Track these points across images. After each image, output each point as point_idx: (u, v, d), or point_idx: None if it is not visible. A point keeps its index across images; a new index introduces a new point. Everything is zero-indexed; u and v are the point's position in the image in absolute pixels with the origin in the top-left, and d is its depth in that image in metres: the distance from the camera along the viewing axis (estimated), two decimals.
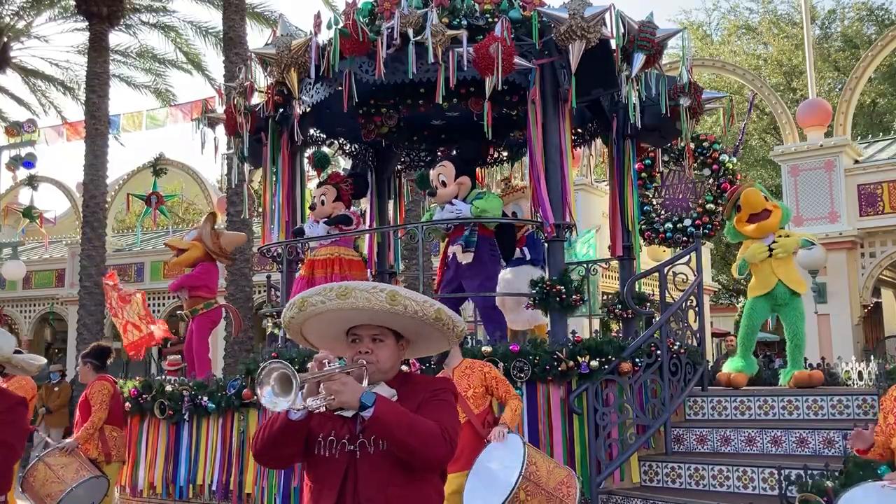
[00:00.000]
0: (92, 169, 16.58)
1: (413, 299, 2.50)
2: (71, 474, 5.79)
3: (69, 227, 23.26)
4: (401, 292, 2.50)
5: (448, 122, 8.10)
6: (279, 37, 6.62)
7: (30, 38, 20.83)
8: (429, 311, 2.52)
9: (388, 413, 2.36)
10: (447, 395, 2.62)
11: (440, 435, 2.40)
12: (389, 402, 2.42)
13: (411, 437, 2.36)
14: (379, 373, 2.57)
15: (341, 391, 2.36)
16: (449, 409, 2.57)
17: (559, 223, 6.48)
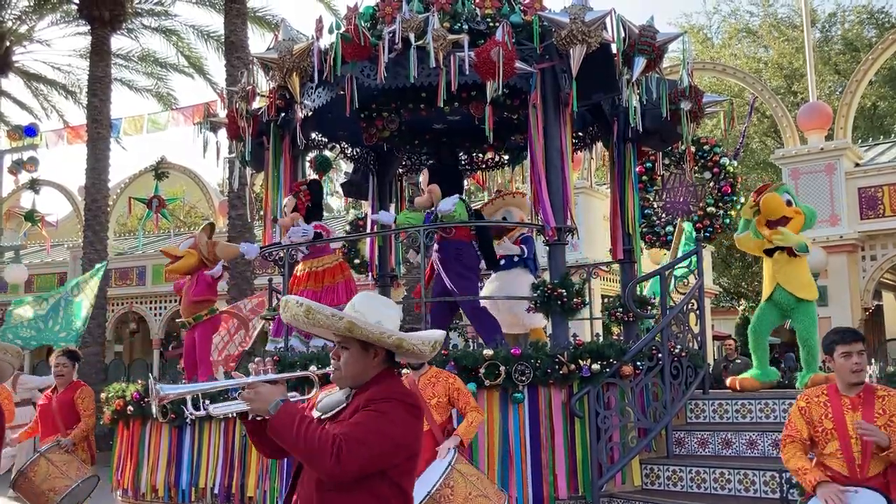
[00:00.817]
0: (94, 172, 16.62)
1: (322, 313, 2.58)
2: (74, 471, 5.95)
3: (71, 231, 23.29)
4: (314, 307, 2.59)
5: (449, 126, 8.12)
6: (281, 41, 6.65)
7: (32, 42, 20.88)
8: (339, 325, 2.57)
9: (279, 423, 2.44)
10: (384, 405, 2.51)
11: (328, 448, 2.37)
12: (289, 413, 2.46)
13: (297, 448, 2.43)
14: (345, 378, 2.64)
15: (253, 399, 2.52)
16: (368, 421, 2.47)
17: (560, 226, 6.50)
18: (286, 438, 2.43)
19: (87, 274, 11.59)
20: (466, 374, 5.84)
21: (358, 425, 2.45)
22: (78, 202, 19.71)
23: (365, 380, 2.62)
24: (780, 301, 7.22)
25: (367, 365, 2.62)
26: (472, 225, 7.16)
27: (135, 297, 19.61)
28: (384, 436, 2.47)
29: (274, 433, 2.46)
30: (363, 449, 2.41)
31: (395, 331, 2.61)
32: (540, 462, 5.83)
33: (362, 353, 2.62)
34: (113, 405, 7.45)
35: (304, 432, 2.40)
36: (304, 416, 2.47)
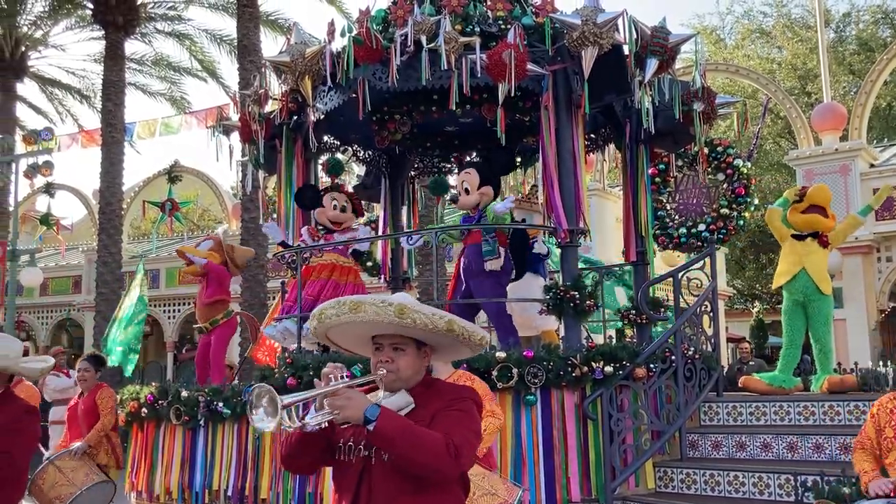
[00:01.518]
0: (108, 176, 16.74)
1: (422, 312, 2.53)
2: (81, 477, 5.87)
3: (85, 234, 23.46)
4: (409, 306, 2.53)
5: (461, 128, 8.13)
6: (293, 45, 6.67)
7: (47, 47, 21.08)
8: (439, 324, 2.55)
9: (389, 428, 2.38)
10: (466, 404, 2.58)
11: (444, 449, 2.38)
12: (393, 417, 2.43)
13: (413, 451, 2.37)
14: (400, 381, 2.61)
15: (345, 406, 2.42)
16: (463, 420, 2.53)
17: (572, 228, 6.48)
18: (395, 441, 2.37)
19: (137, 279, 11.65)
20: (479, 376, 5.82)
21: (457, 426, 2.49)
22: (92, 205, 19.86)
23: (417, 380, 2.64)
24: (800, 288, 7.12)
25: (422, 365, 2.66)
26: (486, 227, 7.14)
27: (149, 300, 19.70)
28: (475, 435, 2.58)
29: (381, 438, 2.39)
30: (469, 448, 2.49)
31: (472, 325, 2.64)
32: (553, 464, 5.81)
33: (418, 353, 2.64)
34: (127, 407, 7.49)
35: (416, 434, 2.39)
36: (407, 420, 2.46)
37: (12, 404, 4.01)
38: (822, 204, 7.16)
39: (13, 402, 4.04)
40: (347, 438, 2.60)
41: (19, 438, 3.92)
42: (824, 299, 7.13)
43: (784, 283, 7.28)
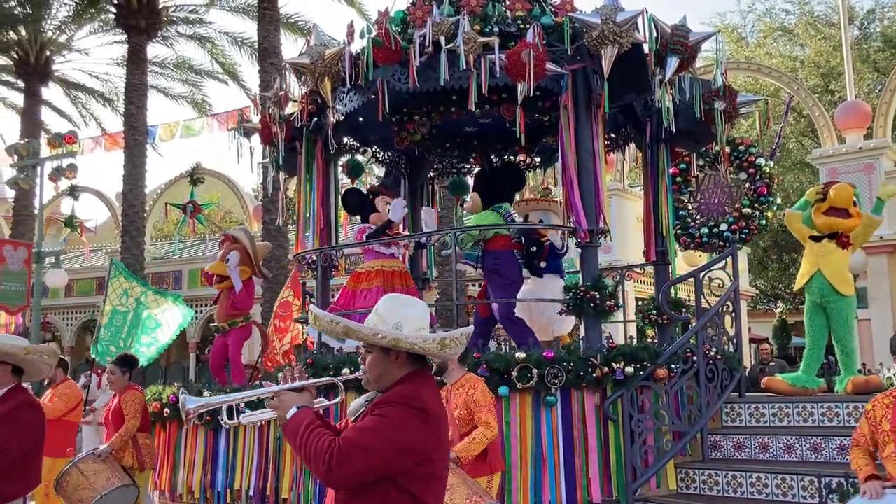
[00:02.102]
0: (131, 179, 16.90)
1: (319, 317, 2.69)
2: (102, 481, 5.85)
3: (109, 236, 23.70)
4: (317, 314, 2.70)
5: (480, 128, 8.12)
6: (313, 46, 6.70)
7: (71, 51, 21.32)
8: (336, 329, 2.67)
9: (288, 429, 2.54)
10: (389, 409, 2.50)
11: (322, 455, 2.39)
12: (299, 420, 2.53)
13: (300, 453, 2.49)
14: (370, 381, 2.67)
15: (276, 407, 2.60)
16: (370, 426, 2.46)
17: (592, 228, 6.46)
18: (293, 444, 2.51)
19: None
20: (499, 376, 5.83)
21: (359, 431, 2.47)
22: (116, 208, 20.06)
23: (389, 382, 2.62)
24: (816, 290, 7.04)
25: (389, 367, 2.62)
26: (506, 227, 7.15)
27: None
28: (386, 441, 2.43)
29: (286, 438, 2.56)
30: (361, 454, 2.39)
31: (388, 331, 2.57)
32: (573, 465, 5.79)
33: (382, 356, 2.62)
34: (151, 407, 7.54)
35: (305, 438, 2.45)
36: (311, 423, 2.50)
37: (15, 398, 4.03)
38: (844, 205, 7.05)
39: (17, 395, 4.07)
40: None
41: (16, 431, 3.93)
42: (843, 300, 7.01)
43: (803, 285, 7.22)
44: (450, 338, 2.62)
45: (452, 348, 2.64)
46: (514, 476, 5.72)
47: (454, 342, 2.63)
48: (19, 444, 3.95)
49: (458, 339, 2.64)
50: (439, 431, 2.59)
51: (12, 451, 3.89)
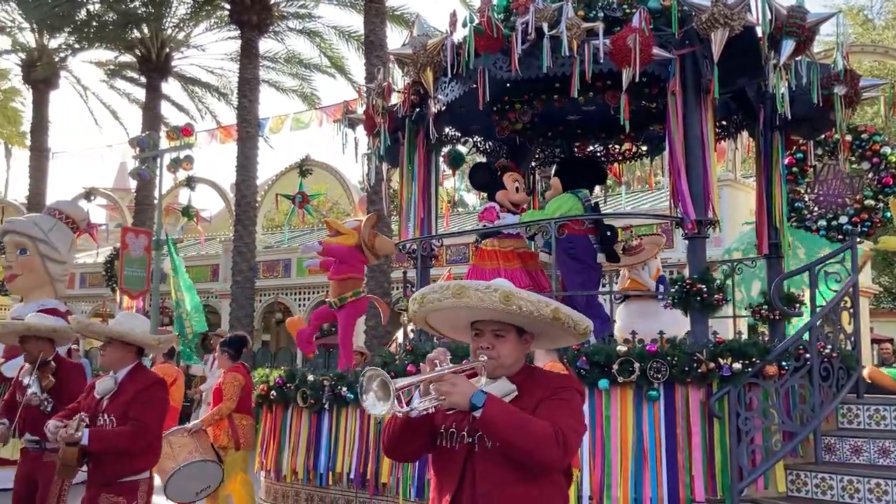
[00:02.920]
0: (243, 170, 17.54)
1: (527, 300, 2.50)
2: (184, 454, 6.03)
3: (223, 226, 24.69)
4: (514, 292, 2.50)
5: (584, 116, 7.97)
6: (415, 37, 6.74)
7: (189, 47, 22.32)
8: (545, 311, 2.51)
9: (496, 415, 2.37)
10: (569, 393, 2.55)
11: (552, 437, 2.36)
12: (499, 404, 2.41)
13: (521, 439, 2.35)
14: (501, 368, 2.58)
15: (451, 392, 2.40)
16: (568, 410, 2.50)
17: (701, 219, 6.24)
18: (503, 428, 2.36)
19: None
20: (599, 369, 5.73)
21: (563, 415, 2.47)
22: (229, 198, 20.86)
23: (518, 368, 2.61)
24: None
25: (523, 352, 2.63)
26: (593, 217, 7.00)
27: (281, 288, 20.53)
28: (580, 423, 2.55)
29: (488, 424, 2.38)
30: (575, 437, 2.46)
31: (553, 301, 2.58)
32: (676, 462, 5.62)
33: (519, 340, 2.61)
34: (258, 390, 7.81)
35: (523, 421, 2.37)
36: (515, 408, 2.44)
37: (143, 376, 4.25)
38: None
39: (144, 374, 4.29)
40: (450, 425, 2.59)
41: (151, 409, 4.15)
42: None
43: None
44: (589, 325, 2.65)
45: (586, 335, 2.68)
46: (614, 471, 5.62)
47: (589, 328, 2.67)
48: (155, 420, 4.18)
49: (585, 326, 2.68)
50: None
51: (151, 426, 4.11)
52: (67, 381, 5.03)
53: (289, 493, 7.38)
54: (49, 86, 22.91)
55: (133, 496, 4.11)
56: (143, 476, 4.22)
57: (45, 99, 22.99)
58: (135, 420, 4.06)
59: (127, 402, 4.11)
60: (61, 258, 10.79)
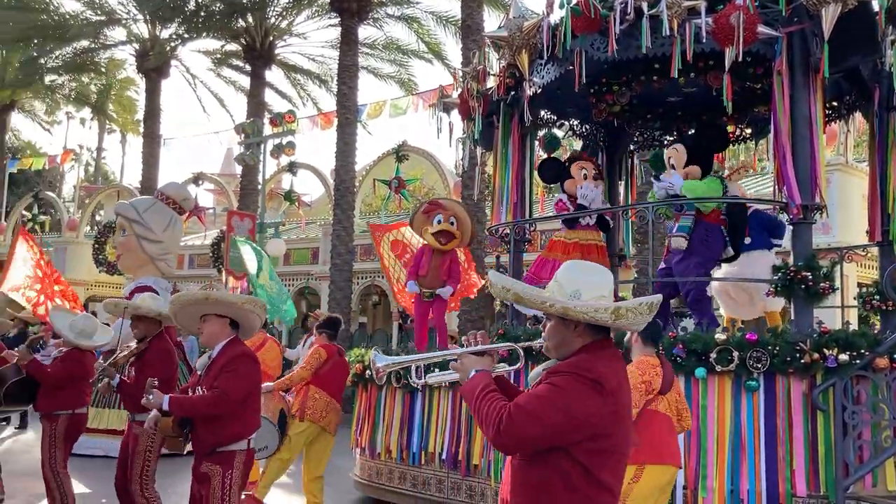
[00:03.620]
0: (342, 156, 17.88)
1: (494, 283, 2.67)
2: None
3: (323, 210, 25.26)
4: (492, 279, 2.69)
5: (685, 98, 7.75)
6: (511, 19, 6.71)
7: (291, 35, 22.85)
8: (506, 296, 2.67)
9: (465, 392, 2.58)
10: (558, 379, 2.45)
11: (493, 419, 2.40)
12: (475, 383, 2.55)
13: (475, 416, 2.52)
14: (549, 349, 2.65)
15: (458, 369, 2.67)
16: (541, 394, 2.43)
17: (807, 203, 5.98)
18: (470, 406, 2.56)
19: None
20: (696, 358, 5.59)
21: (529, 397, 2.47)
22: (329, 183, 21.31)
23: (569, 352, 2.59)
24: None
25: (568, 336, 2.58)
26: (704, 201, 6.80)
27: (377, 271, 20.85)
28: (555, 409, 2.39)
29: (463, 397, 2.63)
30: (528, 421, 2.38)
31: (558, 299, 2.51)
32: (775, 456, 5.44)
33: (561, 324, 2.59)
34: (353, 369, 7.99)
35: (479, 401, 2.49)
36: (487, 386, 2.53)
37: (232, 349, 4.41)
38: None
39: (235, 347, 4.45)
40: None
41: (234, 378, 4.30)
42: None
43: None
44: (625, 307, 2.48)
45: (629, 319, 2.49)
46: (710, 461, 5.48)
47: (632, 312, 2.47)
48: (237, 390, 4.33)
49: (637, 308, 2.49)
50: (616, 406, 2.47)
51: (231, 395, 4.27)
52: (153, 360, 5.32)
53: (382, 471, 7.55)
54: (160, 75, 23.92)
55: (229, 465, 4.29)
56: (239, 447, 4.37)
57: (157, 87, 24.02)
58: (216, 388, 4.24)
59: (216, 374, 4.30)
60: (156, 238, 11.15)
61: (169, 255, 11.58)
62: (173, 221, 11.44)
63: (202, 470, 4.30)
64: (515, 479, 2.55)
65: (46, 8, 23.50)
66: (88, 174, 43.47)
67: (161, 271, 11.35)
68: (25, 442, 11.41)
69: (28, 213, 29.41)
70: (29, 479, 7.74)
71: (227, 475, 4.28)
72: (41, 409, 5.99)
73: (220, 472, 4.27)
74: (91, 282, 25.54)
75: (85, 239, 26.12)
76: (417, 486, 7.21)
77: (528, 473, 2.50)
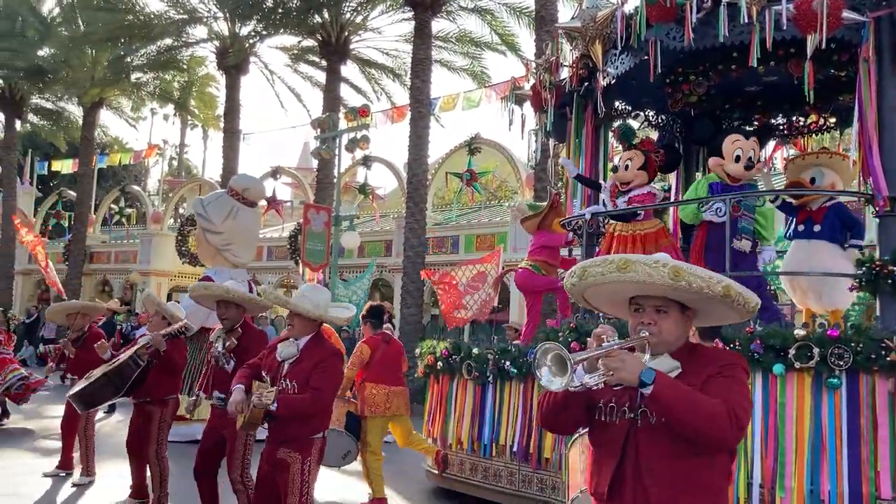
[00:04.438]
0: (415, 149, 18.01)
1: (698, 276, 2.44)
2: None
3: (396, 203, 25.52)
4: (684, 268, 2.44)
5: (765, 87, 7.54)
6: (585, 9, 6.65)
7: (365, 30, 23.09)
8: (715, 288, 2.44)
9: (667, 393, 2.34)
10: (738, 371, 2.48)
11: (725, 416, 2.31)
12: (669, 381, 2.38)
13: (692, 417, 2.32)
14: (662, 344, 2.55)
15: (620, 368, 2.39)
16: (738, 388, 2.44)
17: (894, 196, 5.74)
18: (674, 406, 2.35)
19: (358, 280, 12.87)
20: (774, 353, 5.44)
21: (733, 392, 2.42)
22: (402, 177, 21.49)
23: (680, 344, 2.58)
24: None
25: (685, 328, 2.60)
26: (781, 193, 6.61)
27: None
28: (748, 401, 2.49)
29: (658, 401, 2.37)
30: (746, 416, 2.41)
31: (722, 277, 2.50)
32: (859, 456, 5.24)
33: (681, 317, 2.58)
34: (425, 360, 8.08)
35: (695, 399, 2.36)
36: (685, 385, 2.42)
37: (322, 347, 4.53)
38: None
39: (322, 345, 4.57)
40: (609, 399, 2.58)
41: (329, 378, 4.43)
42: None
43: None
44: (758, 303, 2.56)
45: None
46: (788, 460, 5.33)
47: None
48: (331, 388, 4.50)
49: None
50: None
51: (326, 393, 4.43)
52: (249, 345, 5.45)
53: (454, 462, 7.60)
54: (240, 71, 24.52)
55: (307, 453, 4.42)
56: (317, 436, 4.51)
57: (237, 84, 24.64)
58: (314, 388, 4.34)
59: (308, 371, 4.39)
60: (216, 229, 11.46)
61: (232, 245, 11.67)
62: (233, 212, 11.61)
63: (279, 456, 4.42)
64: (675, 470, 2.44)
65: (133, 8, 24.36)
66: (172, 168, 44.92)
67: (229, 262, 11.62)
68: (113, 425, 11.93)
69: (115, 206, 30.71)
70: (118, 460, 8.10)
71: (306, 462, 4.41)
72: (159, 393, 6.27)
73: (299, 459, 4.39)
74: (174, 272, 26.47)
75: (169, 231, 27.07)
76: (488, 478, 7.25)
77: (693, 464, 2.44)
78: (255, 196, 12.27)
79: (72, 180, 32.82)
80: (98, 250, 29.75)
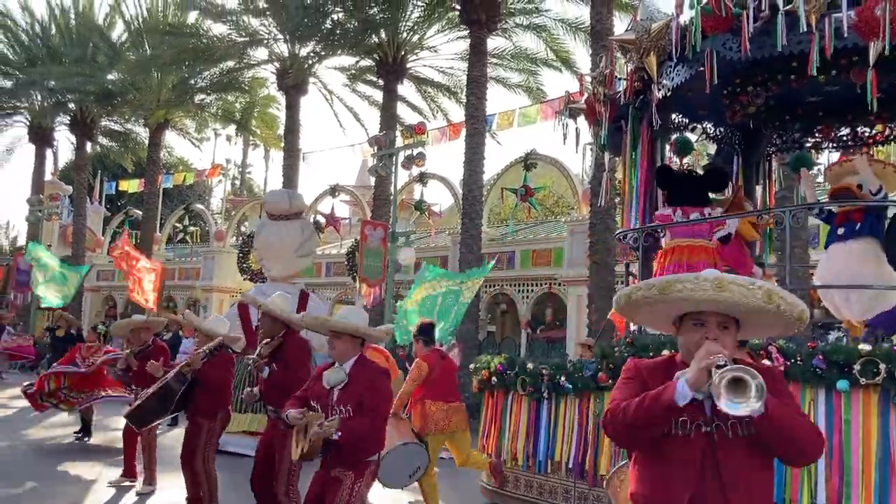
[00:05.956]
0: (470, 165, 18.08)
1: (785, 299, 2.51)
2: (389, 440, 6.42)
3: (452, 220, 25.60)
4: (776, 291, 2.51)
5: (826, 97, 7.36)
6: (639, 21, 6.60)
7: (422, 49, 23.33)
8: (794, 311, 2.54)
9: (778, 412, 2.40)
10: (784, 384, 2.55)
11: (816, 432, 2.43)
12: (776, 399, 2.43)
13: (796, 432, 2.39)
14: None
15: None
16: (796, 401, 2.54)
17: None
18: (785, 425, 2.41)
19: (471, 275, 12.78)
20: (838, 369, 5.28)
21: (798, 408, 2.54)
22: (457, 193, 21.57)
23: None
24: None
25: (737, 341, 2.64)
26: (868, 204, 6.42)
27: (505, 280, 20.92)
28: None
29: (770, 420, 2.39)
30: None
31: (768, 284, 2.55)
32: None
33: (734, 327, 2.62)
34: (480, 375, 8.05)
35: (800, 417, 2.48)
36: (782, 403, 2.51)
37: (369, 367, 4.56)
38: None
39: (368, 365, 4.59)
40: (679, 414, 2.58)
41: (382, 399, 4.47)
42: None
43: None
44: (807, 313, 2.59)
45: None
46: (854, 479, 5.15)
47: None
48: (386, 408, 4.56)
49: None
50: None
51: (383, 415, 4.48)
52: (288, 351, 5.63)
53: (509, 477, 7.55)
54: (299, 91, 25.01)
55: (361, 474, 4.42)
56: (372, 458, 4.54)
57: (297, 104, 25.12)
58: (372, 409, 4.36)
59: (360, 393, 4.38)
60: (254, 245, 12.55)
61: (264, 259, 12.38)
62: (260, 227, 12.23)
63: (333, 474, 4.42)
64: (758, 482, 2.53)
65: (197, 32, 25.10)
66: (235, 187, 46.01)
67: (271, 278, 12.20)
68: (176, 437, 12.18)
69: (180, 224, 31.54)
70: (177, 471, 8.27)
71: (357, 482, 4.41)
72: (205, 408, 6.42)
73: (352, 477, 4.39)
74: (236, 289, 26.98)
75: (231, 249, 27.66)
76: (543, 495, 7.17)
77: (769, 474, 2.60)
78: (272, 210, 12.28)
79: (138, 200, 33.86)
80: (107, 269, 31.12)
